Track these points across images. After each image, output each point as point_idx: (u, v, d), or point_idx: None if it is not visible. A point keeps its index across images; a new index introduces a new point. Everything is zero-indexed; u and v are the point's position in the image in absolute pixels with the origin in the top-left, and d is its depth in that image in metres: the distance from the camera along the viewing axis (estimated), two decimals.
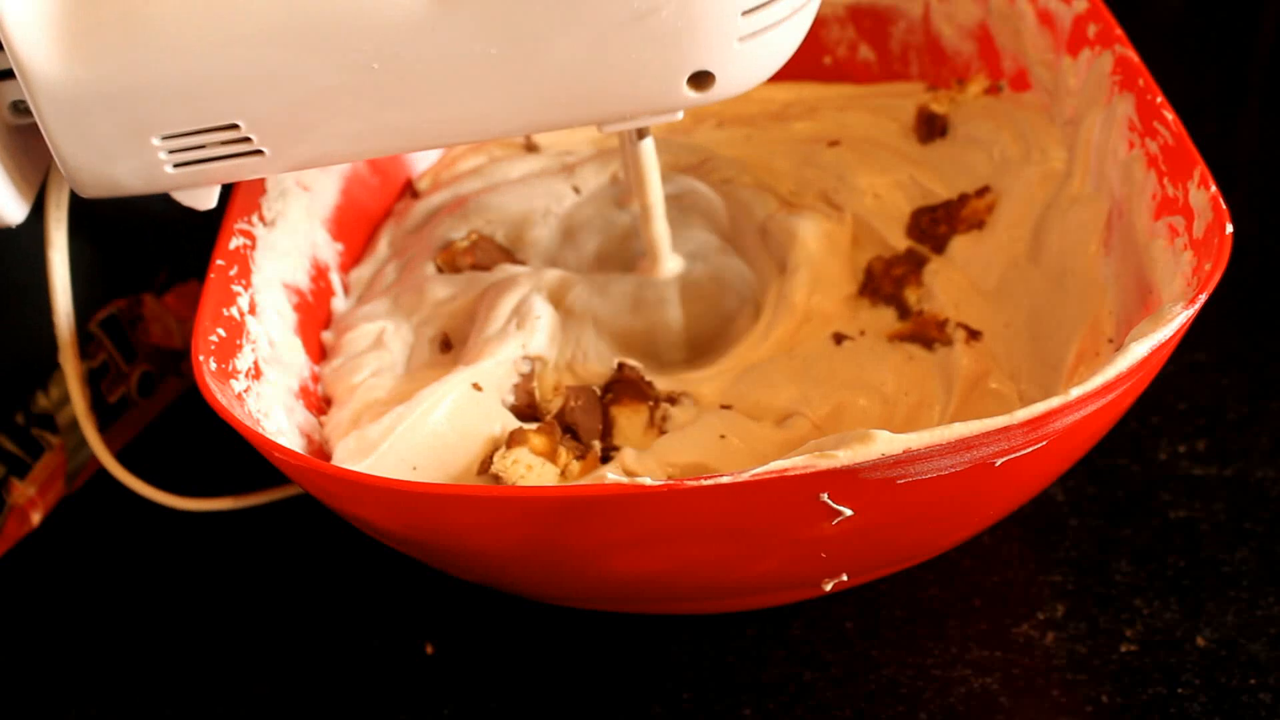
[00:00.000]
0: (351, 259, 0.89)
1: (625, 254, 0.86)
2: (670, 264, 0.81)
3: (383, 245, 0.90)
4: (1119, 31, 0.77)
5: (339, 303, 0.84)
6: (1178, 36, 1.18)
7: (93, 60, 0.62)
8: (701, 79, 0.63)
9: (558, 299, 0.80)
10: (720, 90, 0.64)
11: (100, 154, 0.65)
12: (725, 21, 0.61)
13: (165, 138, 0.65)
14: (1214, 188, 0.64)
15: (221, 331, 0.69)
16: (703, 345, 0.81)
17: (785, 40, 0.65)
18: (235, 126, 0.64)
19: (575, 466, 0.71)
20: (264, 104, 0.64)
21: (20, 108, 0.66)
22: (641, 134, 0.75)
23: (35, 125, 0.65)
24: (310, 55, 0.62)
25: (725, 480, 0.55)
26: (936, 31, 0.93)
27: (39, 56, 0.61)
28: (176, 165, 0.66)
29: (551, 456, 0.70)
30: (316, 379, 0.78)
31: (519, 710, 0.71)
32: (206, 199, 0.70)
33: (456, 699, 0.72)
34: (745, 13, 0.61)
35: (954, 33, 0.92)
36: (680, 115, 0.66)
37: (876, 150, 0.89)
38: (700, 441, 0.72)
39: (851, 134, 0.92)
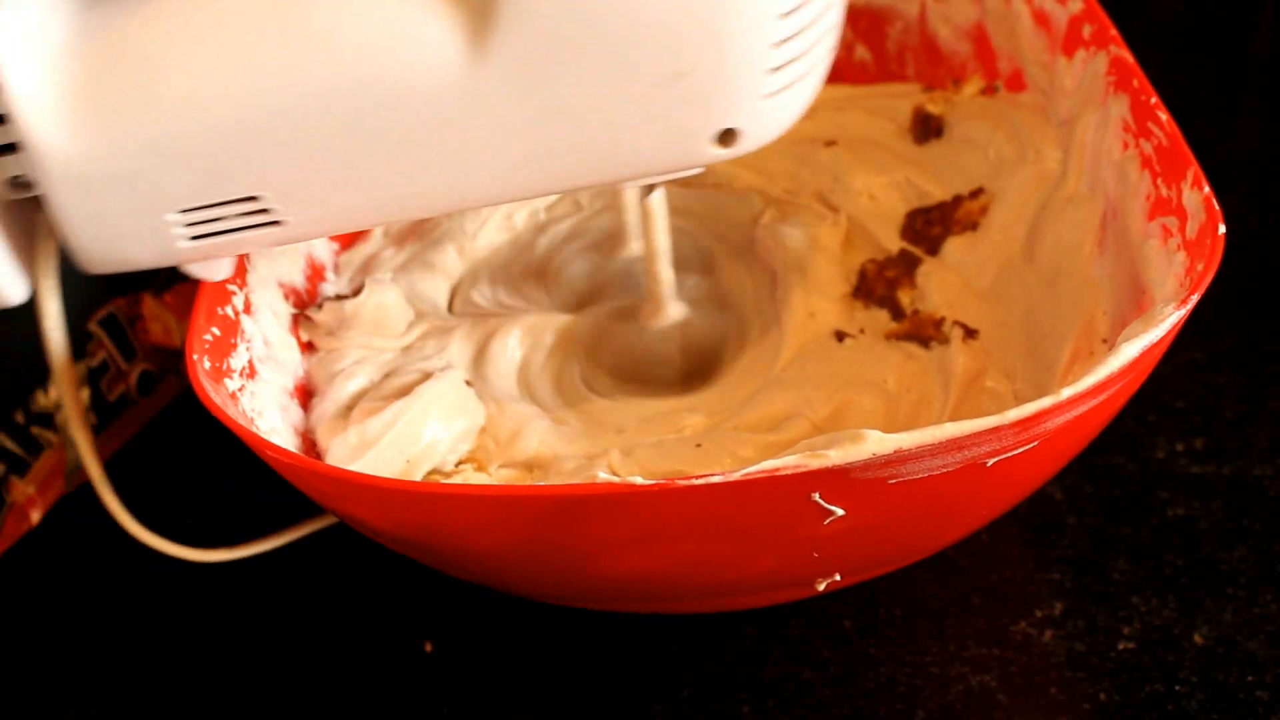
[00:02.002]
0: None
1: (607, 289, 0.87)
2: (674, 311, 0.81)
3: (377, 234, 0.90)
4: (1114, 32, 0.77)
5: (328, 287, 0.85)
6: (1176, 36, 1.18)
7: (107, 135, 0.60)
8: (728, 136, 0.63)
9: (560, 340, 0.82)
10: (744, 145, 0.64)
11: (111, 230, 0.63)
12: (753, 80, 0.62)
13: (182, 211, 0.63)
14: (1207, 188, 0.64)
15: (216, 330, 0.69)
16: (698, 373, 0.82)
17: (805, 93, 0.65)
18: (256, 198, 0.63)
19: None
20: (287, 174, 0.62)
21: (19, 182, 0.63)
22: (651, 188, 0.75)
23: (35, 200, 0.64)
24: (337, 123, 0.61)
25: (717, 480, 0.55)
26: (933, 32, 0.93)
27: (48, 131, 0.60)
28: (192, 239, 0.64)
29: None
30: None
31: (518, 709, 0.71)
32: (220, 270, 0.69)
33: (455, 698, 0.72)
34: (771, 70, 0.62)
35: (950, 33, 0.92)
36: (701, 170, 0.66)
37: (872, 151, 0.89)
38: (675, 451, 0.72)
39: (847, 134, 0.91)
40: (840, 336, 0.78)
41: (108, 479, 0.72)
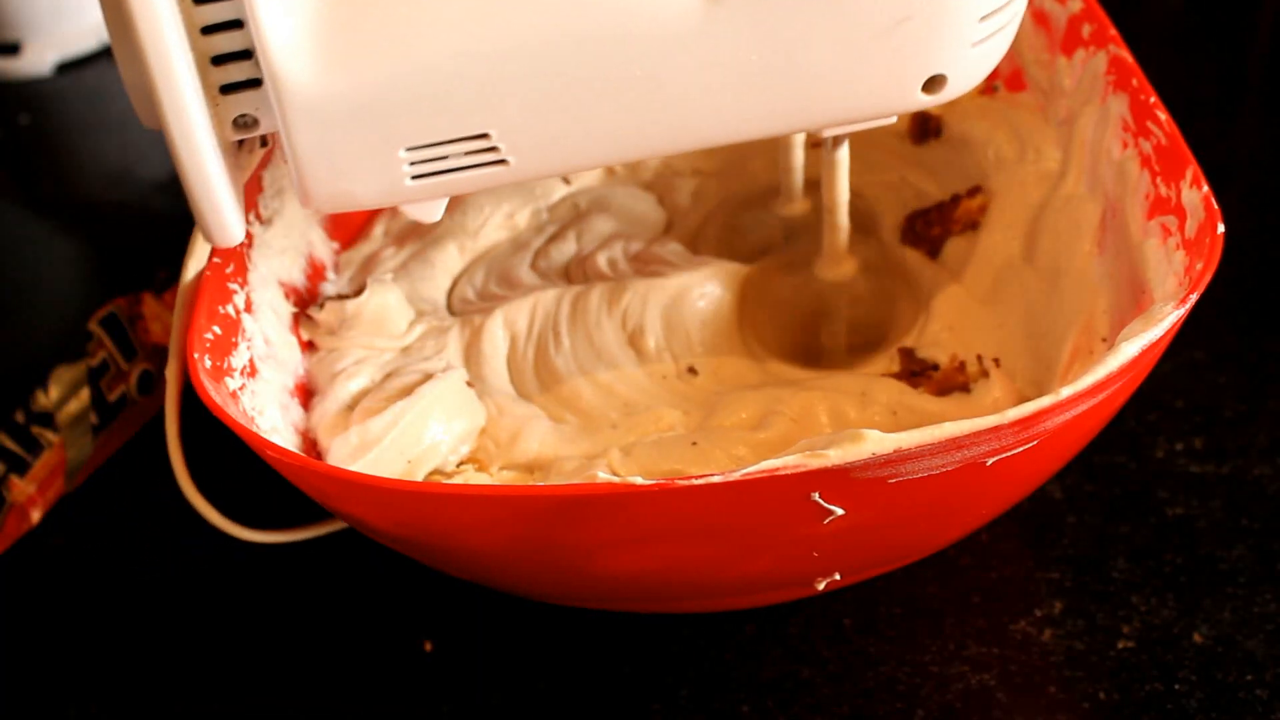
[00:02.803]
0: None
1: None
2: (847, 265, 0.82)
3: (377, 233, 0.90)
4: (1113, 31, 0.77)
5: (329, 286, 0.85)
6: (1176, 36, 1.18)
7: (350, 71, 0.60)
8: (934, 82, 0.65)
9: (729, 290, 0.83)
10: (949, 91, 0.66)
11: (342, 168, 0.63)
12: (965, 27, 0.63)
13: (411, 149, 0.63)
14: (1206, 187, 0.64)
15: (217, 329, 0.69)
16: (862, 344, 0.82)
17: (1003, 43, 0.67)
18: (485, 136, 0.63)
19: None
20: (519, 113, 0.63)
21: (243, 121, 0.63)
22: (840, 140, 0.75)
23: (248, 141, 0.65)
24: (574, 63, 0.62)
25: (716, 479, 0.55)
26: None
27: (295, 68, 0.59)
28: (416, 178, 0.65)
29: None
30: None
31: (518, 708, 0.71)
32: (435, 211, 0.69)
33: (455, 697, 0.72)
34: (982, 18, 0.63)
35: None
36: (895, 119, 0.68)
37: (869, 150, 0.89)
38: (673, 450, 0.72)
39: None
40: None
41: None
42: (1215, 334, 0.86)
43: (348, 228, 0.89)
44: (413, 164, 0.64)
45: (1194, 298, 0.59)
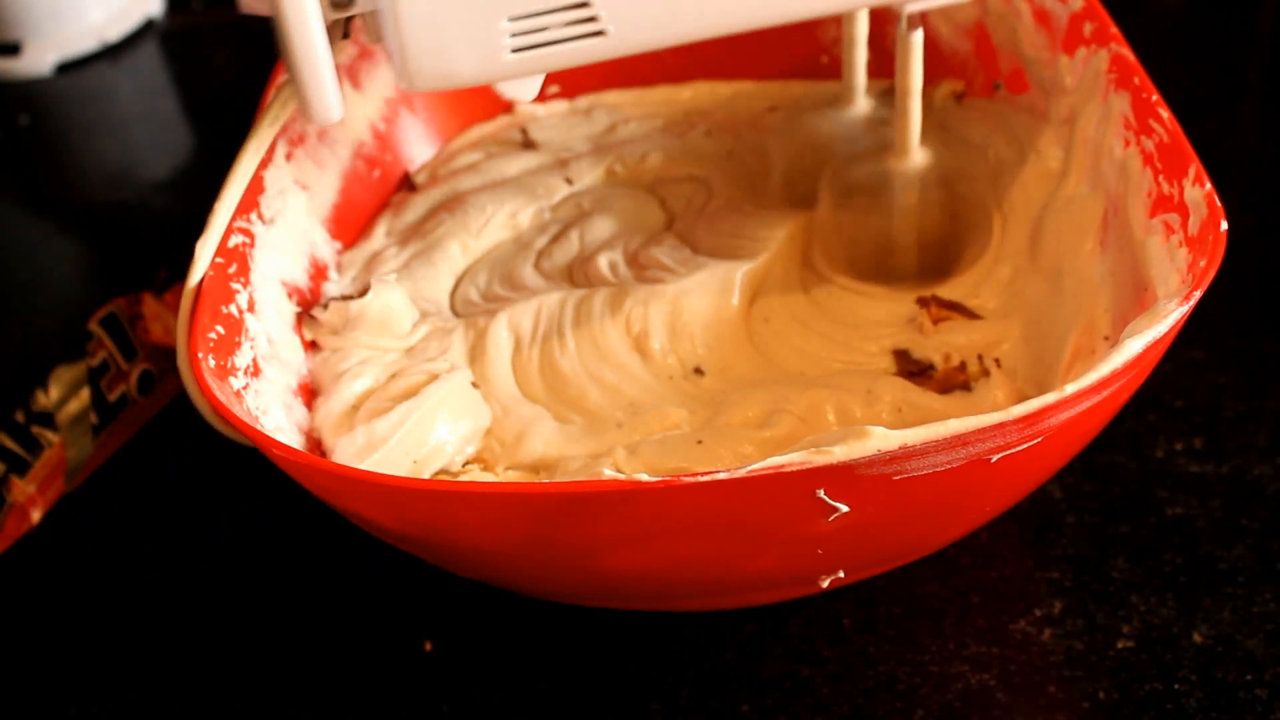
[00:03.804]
0: None
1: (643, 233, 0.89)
2: (919, 155, 0.81)
3: (379, 233, 0.90)
4: (1114, 30, 0.77)
5: (331, 286, 0.85)
6: (1177, 34, 1.18)
7: None
8: None
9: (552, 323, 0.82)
10: None
11: (445, 41, 0.64)
12: None
13: (515, 19, 0.64)
14: (1209, 185, 0.65)
15: (220, 329, 0.69)
16: (934, 245, 0.83)
17: None
18: (585, 4, 0.64)
19: None
20: None
21: (340, 1, 0.64)
22: (915, 23, 0.76)
23: (342, 22, 0.66)
24: None
25: (722, 476, 0.55)
26: (934, 30, 0.93)
27: None
28: (516, 50, 0.65)
29: None
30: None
31: (517, 708, 0.71)
32: (531, 89, 0.70)
33: (455, 696, 0.72)
34: None
35: (951, 32, 0.92)
36: None
37: None
38: (678, 448, 0.72)
39: None
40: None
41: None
42: (1215, 333, 0.86)
43: (350, 228, 0.89)
44: (514, 35, 0.65)
45: (1197, 294, 0.60)
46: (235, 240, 0.74)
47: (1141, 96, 0.72)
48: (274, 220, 0.79)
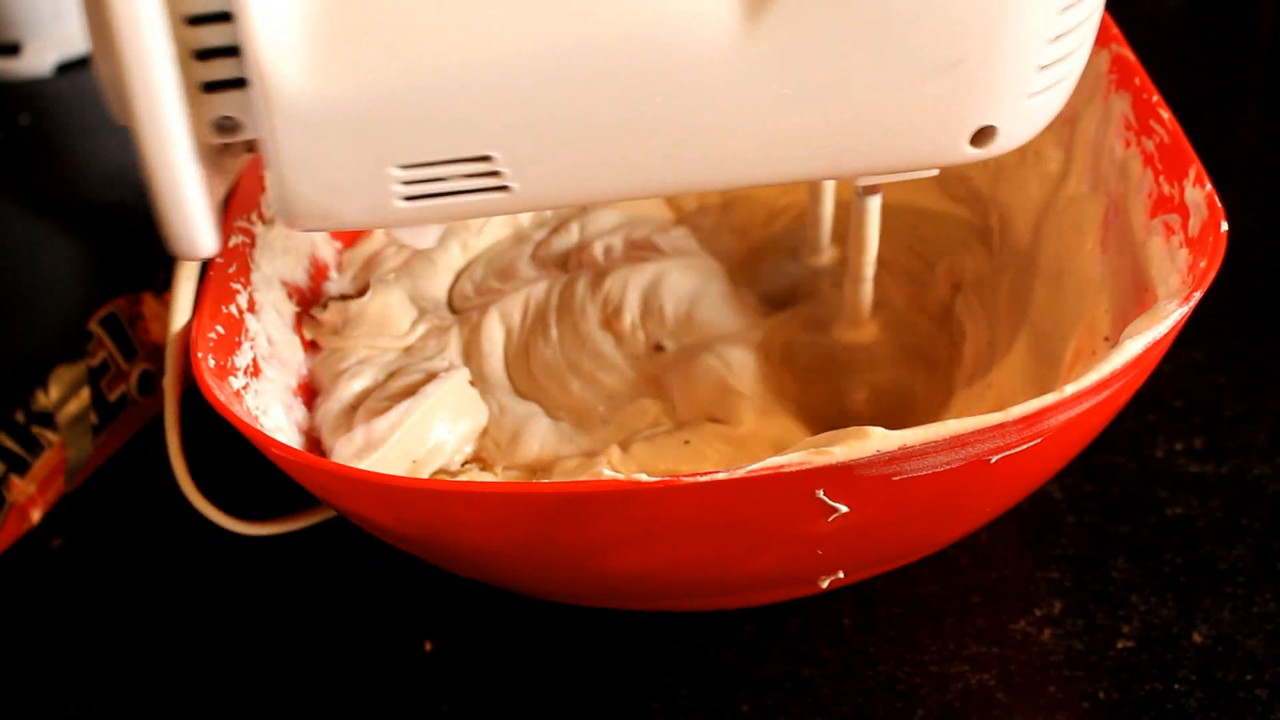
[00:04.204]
0: None
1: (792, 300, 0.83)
2: (870, 326, 0.79)
3: (379, 233, 0.89)
4: (1115, 30, 0.77)
5: (332, 286, 0.85)
6: (1177, 34, 1.18)
7: (347, 75, 0.56)
8: (984, 134, 0.61)
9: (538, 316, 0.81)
10: (997, 146, 0.62)
11: (329, 183, 0.59)
12: (1022, 76, 0.60)
13: (406, 167, 0.59)
14: (1209, 185, 0.65)
15: (220, 329, 0.69)
16: (884, 417, 0.75)
17: (1061, 96, 0.63)
18: (488, 159, 0.59)
19: None
20: (528, 135, 0.59)
21: (224, 125, 0.59)
22: (874, 189, 0.72)
23: (233, 147, 0.61)
24: (593, 84, 0.58)
25: (721, 476, 0.55)
26: None
27: (285, 69, 0.56)
28: (409, 199, 0.60)
29: None
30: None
31: (517, 707, 0.71)
32: (428, 237, 0.67)
33: (455, 696, 0.72)
34: (1040, 68, 0.60)
35: None
36: (937, 172, 0.64)
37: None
38: (667, 448, 0.73)
39: None
40: None
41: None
42: (1215, 334, 0.86)
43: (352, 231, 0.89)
44: (406, 183, 0.60)
45: (1198, 295, 0.60)
46: (235, 240, 0.74)
47: (1142, 97, 0.72)
48: (274, 220, 0.78)
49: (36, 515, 0.81)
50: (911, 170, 0.63)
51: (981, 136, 0.61)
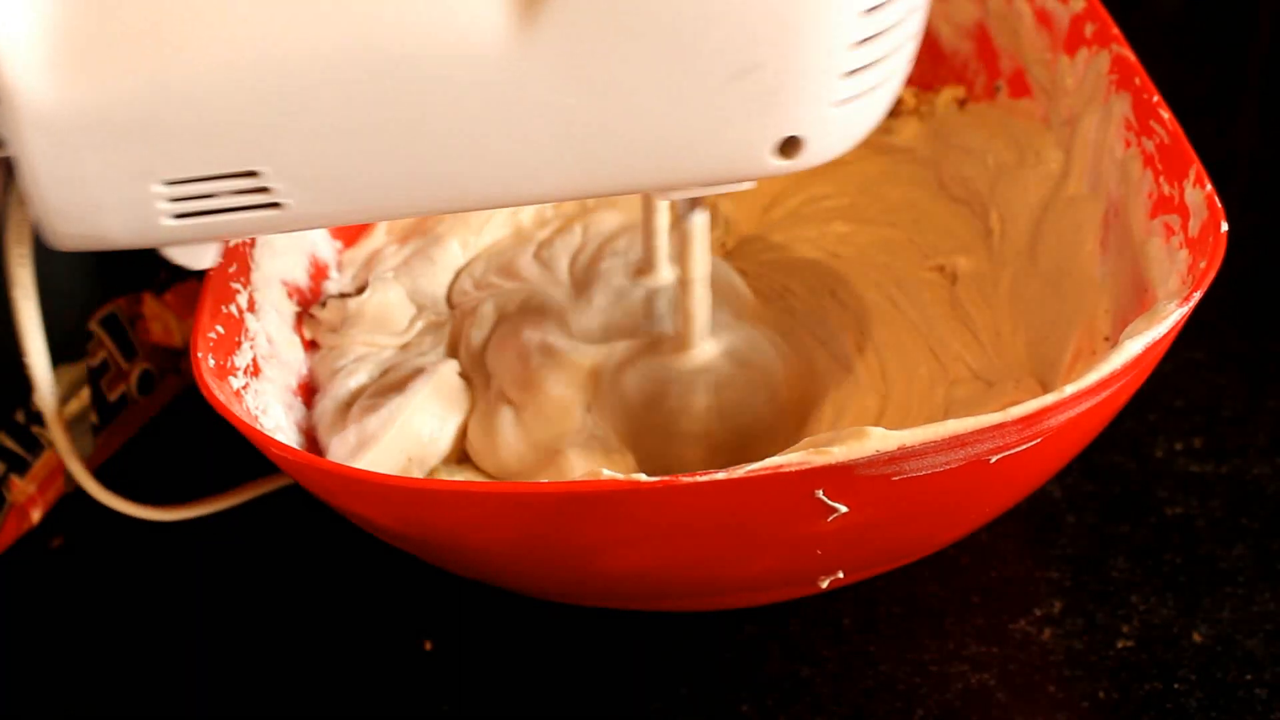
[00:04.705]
0: None
1: (630, 324, 0.79)
2: (706, 348, 0.74)
3: (380, 231, 0.90)
4: (1116, 31, 0.77)
5: (331, 285, 0.85)
6: (1177, 34, 1.18)
7: (97, 84, 0.53)
8: (791, 145, 0.58)
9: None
10: (807, 158, 0.59)
11: (88, 200, 0.56)
12: (825, 84, 0.57)
13: (169, 183, 0.56)
14: (1209, 186, 0.65)
15: (220, 328, 0.69)
16: (724, 446, 0.74)
17: (878, 105, 0.60)
18: (256, 174, 0.57)
19: None
20: (296, 148, 0.56)
21: None
22: (695, 204, 0.68)
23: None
24: (361, 94, 0.55)
25: (720, 476, 0.55)
26: (935, 31, 0.93)
27: (28, 75, 0.53)
28: (177, 216, 0.58)
29: None
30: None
31: (517, 706, 0.71)
32: (203, 257, 0.63)
33: (455, 695, 0.72)
34: (846, 74, 0.57)
35: (952, 32, 0.92)
36: (753, 184, 0.62)
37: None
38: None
39: None
40: None
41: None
42: (1215, 334, 0.86)
43: (351, 227, 0.89)
44: (172, 200, 0.57)
45: (1197, 296, 0.60)
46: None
47: (1142, 98, 0.72)
48: None
49: (36, 515, 0.81)
50: (718, 184, 0.60)
51: (789, 147, 0.58)
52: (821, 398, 0.77)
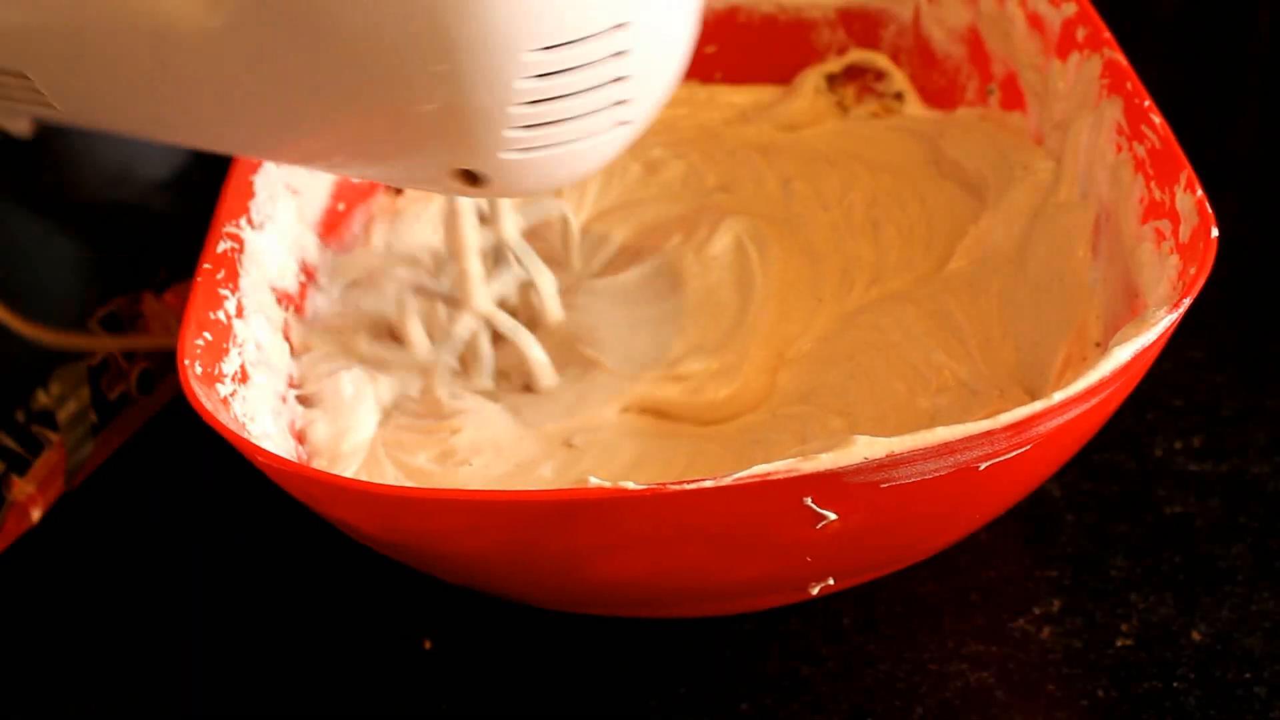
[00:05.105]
0: None
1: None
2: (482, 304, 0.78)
3: (377, 242, 0.90)
4: (1108, 35, 0.77)
5: (319, 297, 0.85)
6: (1174, 37, 1.18)
7: None
8: (475, 178, 0.60)
9: None
10: (496, 191, 0.61)
11: None
12: (493, 134, 0.58)
13: None
14: (1200, 191, 0.64)
15: (208, 335, 0.69)
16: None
17: (566, 159, 0.61)
18: (26, 78, 0.64)
19: None
20: (48, 66, 0.63)
21: None
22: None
23: None
24: (91, 47, 0.61)
25: (708, 484, 0.55)
26: (927, 35, 0.93)
27: None
28: None
29: None
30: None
31: (517, 706, 0.71)
32: (17, 125, 0.72)
33: (455, 695, 0.72)
34: (521, 128, 0.58)
35: (944, 36, 0.92)
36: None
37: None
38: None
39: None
40: None
41: None
42: (1214, 333, 0.86)
43: (340, 233, 0.89)
44: None
45: (1187, 302, 0.59)
46: (223, 246, 0.74)
47: (1134, 102, 0.72)
48: (263, 225, 0.78)
49: (36, 515, 0.81)
50: (428, 189, 0.64)
51: (473, 179, 0.60)
52: None
